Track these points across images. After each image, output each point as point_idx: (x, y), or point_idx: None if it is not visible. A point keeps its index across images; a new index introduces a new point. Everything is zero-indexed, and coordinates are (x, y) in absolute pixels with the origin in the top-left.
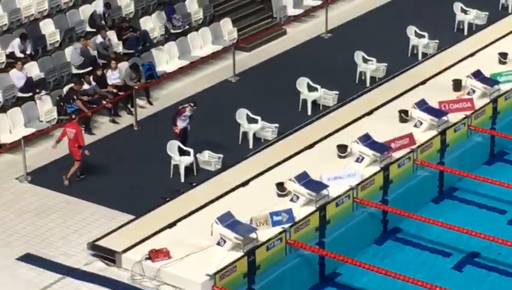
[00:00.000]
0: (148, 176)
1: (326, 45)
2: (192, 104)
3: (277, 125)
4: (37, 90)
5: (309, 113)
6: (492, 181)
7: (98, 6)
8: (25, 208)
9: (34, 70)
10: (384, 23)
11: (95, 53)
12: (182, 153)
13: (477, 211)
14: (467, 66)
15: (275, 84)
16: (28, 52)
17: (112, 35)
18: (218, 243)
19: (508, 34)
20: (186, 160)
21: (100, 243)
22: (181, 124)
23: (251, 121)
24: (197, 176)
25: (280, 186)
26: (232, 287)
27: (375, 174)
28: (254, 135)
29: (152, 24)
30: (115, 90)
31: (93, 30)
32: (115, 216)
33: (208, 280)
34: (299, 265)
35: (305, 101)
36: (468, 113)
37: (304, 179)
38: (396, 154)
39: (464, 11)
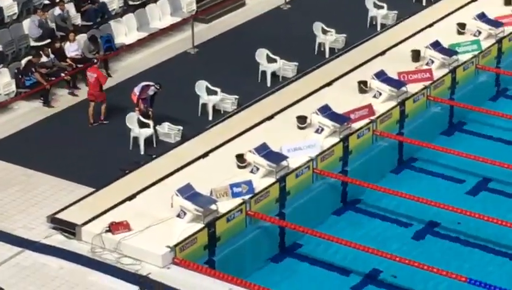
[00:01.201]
0: (108, 148)
1: (285, 16)
2: (157, 86)
3: (236, 96)
4: None
5: (268, 84)
6: (451, 151)
7: None
8: None
9: None
10: None
11: (53, 25)
12: (142, 125)
13: (437, 181)
14: (425, 36)
15: (234, 56)
16: None
17: (70, 7)
18: (179, 215)
19: (466, 5)
20: (146, 132)
21: (60, 215)
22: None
23: (210, 92)
24: (156, 148)
25: (240, 157)
26: (192, 259)
27: (334, 145)
28: (214, 106)
29: None
30: (73, 63)
31: (51, 2)
32: (75, 189)
33: (169, 252)
34: (260, 236)
35: (264, 72)
36: (427, 83)
37: (263, 150)
38: (356, 125)
39: None
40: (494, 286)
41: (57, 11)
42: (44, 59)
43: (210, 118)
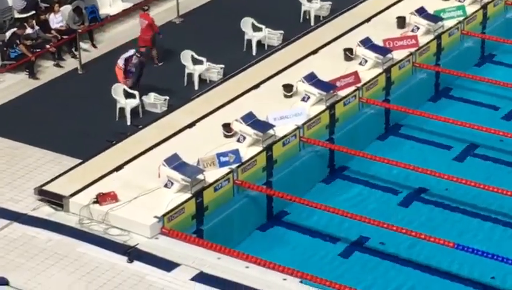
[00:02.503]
0: (94, 119)
1: None
2: (138, 55)
3: (222, 66)
4: None
5: (254, 53)
6: (437, 117)
7: None
8: None
9: None
10: None
11: None
12: (128, 95)
13: (424, 148)
14: (410, 3)
15: (219, 25)
16: None
17: None
18: (166, 185)
19: None
20: (132, 103)
21: (47, 187)
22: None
23: (196, 62)
24: (143, 118)
25: (226, 127)
26: (180, 229)
27: (321, 113)
28: (199, 76)
29: None
30: (58, 35)
31: None
32: (62, 160)
33: (157, 222)
34: (247, 205)
35: (249, 41)
36: (412, 50)
37: (250, 119)
38: (342, 93)
39: None
40: (482, 251)
41: None
42: (29, 31)
43: (196, 87)
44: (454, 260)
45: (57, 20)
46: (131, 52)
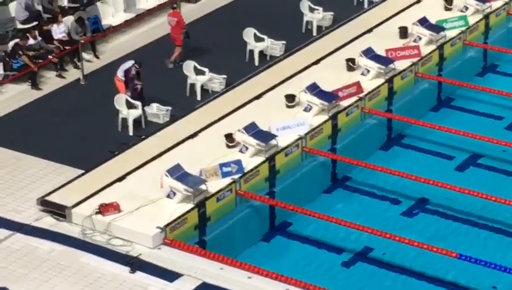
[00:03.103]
0: (96, 130)
1: None
2: (137, 66)
3: (225, 76)
4: None
5: (256, 63)
6: (439, 127)
7: None
8: None
9: None
10: None
11: (39, 7)
12: (130, 106)
13: (426, 158)
14: (413, 13)
15: (221, 35)
16: None
17: None
18: (168, 196)
19: None
20: (134, 113)
21: (50, 198)
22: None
23: (198, 72)
24: (145, 128)
25: (229, 137)
26: (183, 239)
27: (323, 123)
28: (202, 86)
29: None
30: (60, 45)
31: None
32: (64, 171)
33: (159, 233)
34: (250, 215)
35: (252, 51)
36: (414, 60)
37: (252, 129)
38: (344, 103)
39: None
40: (485, 261)
41: None
42: (31, 42)
43: (198, 98)
44: (457, 270)
45: (60, 30)
46: (130, 63)
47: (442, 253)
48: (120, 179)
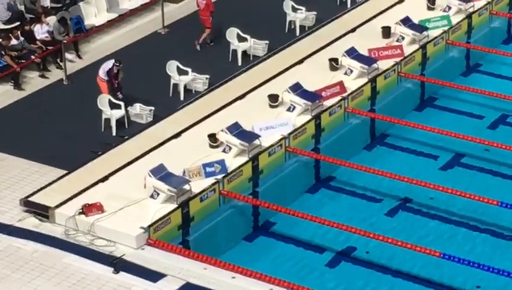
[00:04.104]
0: (79, 130)
1: None
2: (117, 64)
3: (208, 76)
4: None
5: (239, 63)
6: (423, 127)
7: None
8: None
9: None
10: None
11: (22, 7)
12: (113, 106)
13: (409, 157)
14: (395, 13)
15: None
16: None
17: None
18: (152, 196)
19: None
20: (117, 113)
21: (33, 199)
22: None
23: (181, 72)
24: (128, 129)
25: (212, 137)
26: (166, 240)
27: (306, 123)
28: (185, 86)
29: None
30: (43, 45)
31: None
32: (47, 171)
33: (142, 233)
34: (233, 215)
35: (235, 51)
36: (397, 60)
37: (235, 129)
38: (328, 103)
39: None
40: (469, 260)
41: None
42: (14, 42)
43: (181, 98)
44: (441, 269)
45: (42, 30)
46: (111, 63)
47: (425, 252)
48: (103, 180)
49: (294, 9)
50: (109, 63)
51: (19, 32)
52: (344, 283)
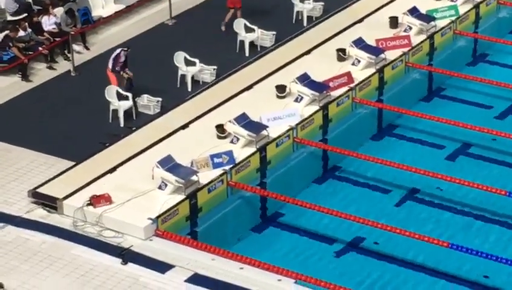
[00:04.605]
0: (87, 121)
1: None
2: (125, 49)
3: (215, 67)
4: None
5: (247, 54)
6: (430, 117)
7: None
8: None
9: None
10: None
11: None
12: (121, 97)
13: (417, 147)
14: (403, 3)
15: (212, 27)
16: None
17: None
18: (160, 187)
19: None
20: (125, 104)
21: (41, 190)
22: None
23: (189, 63)
24: (136, 120)
25: (220, 128)
26: (174, 231)
27: (314, 113)
28: (192, 77)
29: None
30: (50, 37)
31: None
32: (55, 163)
33: (151, 224)
34: (241, 206)
35: (242, 42)
36: (405, 50)
37: (243, 120)
38: (335, 93)
39: None
40: (476, 250)
41: None
42: (21, 33)
43: (189, 89)
44: (449, 259)
45: (50, 22)
46: (118, 50)
47: (433, 243)
48: (111, 171)
49: (302, 0)
50: (117, 51)
51: (26, 23)
52: (352, 273)
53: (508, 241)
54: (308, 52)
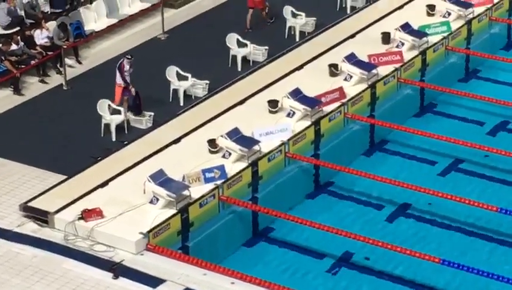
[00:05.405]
0: (79, 135)
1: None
2: (128, 57)
3: (207, 82)
4: None
5: (239, 69)
6: (422, 133)
7: None
8: None
9: None
10: None
11: (22, 13)
12: (113, 111)
13: (408, 163)
14: (395, 19)
15: (204, 41)
16: None
17: None
18: (151, 201)
19: None
20: (117, 118)
21: (32, 204)
22: (128, 79)
23: (181, 78)
24: (128, 134)
25: (212, 142)
26: (166, 245)
27: (306, 128)
28: (185, 92)
29: None
30: (43, 51)
31: None
32: (47, 177)
33: (142, 238)
34: (233, 221)
35: (234, 57)
36: (397, 66)
37: (235, 135)
38: (327, 108)
39: None
40: (468, 266)
41: None
42: (14, 47)
43: (181, 103)
44: (440, 275)
45: (43, 36)
46: (121, 60)
47: (425, 258)
48: (103, 185)
49: (294, 15)
50: (120, 61)
51: (18, 37)
52: (343, 289)
53: (500, 257)
54: (300, 67)
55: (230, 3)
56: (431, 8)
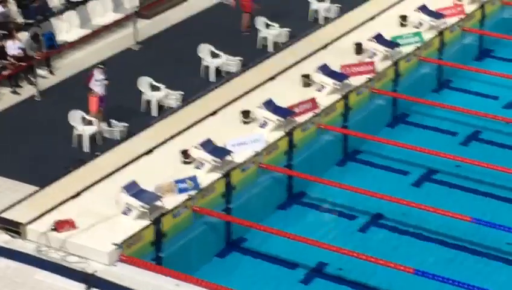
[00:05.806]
0: (52, 146)
1: (228, 11)
2: (100, 66)
3: (181, 92)
4: None
5: (212, 79)
6: (395, 143)
7: None
8: None
9: None
10: None
11: None
12: (85, 122)
13: (381, 173)
14: (368, 29)
15: (177, 52)
16: None
17: (12, 5)
18: (124, 212)
19: None
20: (90, 129)
21: (4, 215)
22: (99, 89)
23: (154, 88)
24: (101, 145)
25: (185, 153)
26: (139, 256)
27: (279, 139)
28: (158, 102)
29: None
30: (15, 61)
31: None
32: (19, 188)
33: (115, 249)
34: (206, 232)
35: (207, 67)
36: (370, 76)
37: (208, 145)
38: (300, 119)
39: None
40: (442, 276)
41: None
42: None
43: (154, 114)
44: (414, 286)
45: (15, 46)
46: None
47: (399, 269)
48: (75, 196)
49: (267, 26)
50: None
51: None
52: None
53: (472, 268)
54: (273, 77)
55: (203, 14)
56: (403, 18)
